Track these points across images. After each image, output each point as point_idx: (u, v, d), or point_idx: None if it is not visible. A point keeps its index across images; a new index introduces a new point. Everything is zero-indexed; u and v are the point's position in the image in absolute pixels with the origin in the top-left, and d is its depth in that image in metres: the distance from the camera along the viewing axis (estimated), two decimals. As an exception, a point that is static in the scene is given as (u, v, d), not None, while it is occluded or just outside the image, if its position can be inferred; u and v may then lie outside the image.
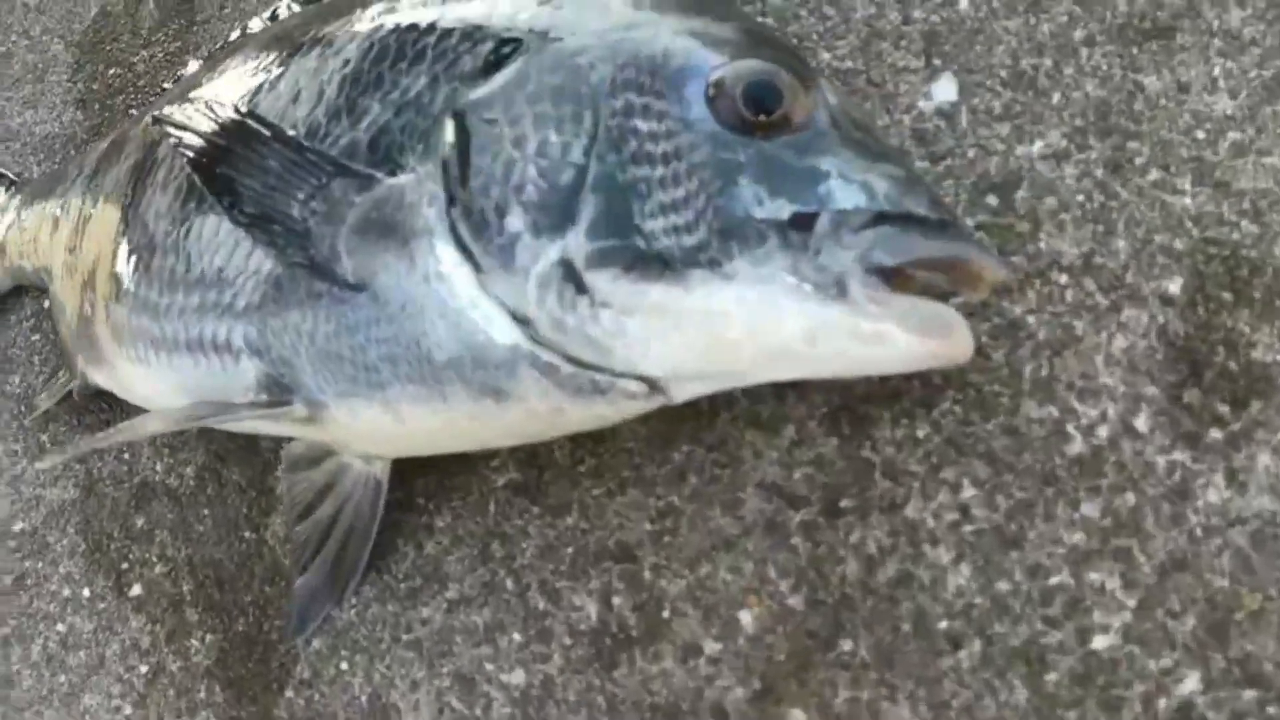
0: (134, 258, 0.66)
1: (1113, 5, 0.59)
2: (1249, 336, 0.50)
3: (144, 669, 0.75)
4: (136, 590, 0.78)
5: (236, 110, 0.57)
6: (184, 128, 0.57)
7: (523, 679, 0.61)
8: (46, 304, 0.93)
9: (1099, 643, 0.49)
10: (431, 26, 0.56)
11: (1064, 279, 0.54)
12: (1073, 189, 0.55)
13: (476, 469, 0.67)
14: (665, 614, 0.58)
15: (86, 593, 0.81)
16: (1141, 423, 0.51)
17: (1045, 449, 0.52)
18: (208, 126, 0.57)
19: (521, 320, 0.49)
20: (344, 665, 0.67)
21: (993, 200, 0.57)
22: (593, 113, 0.49)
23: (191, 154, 0.57)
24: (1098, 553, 0.50)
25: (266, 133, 0.55)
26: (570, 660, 0.60)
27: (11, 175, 0.98)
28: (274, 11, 0.80)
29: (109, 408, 0.84)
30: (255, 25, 0.81)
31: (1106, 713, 0.48)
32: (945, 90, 0.60)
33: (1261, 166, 0.53)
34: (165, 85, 0.86)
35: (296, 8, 0.78)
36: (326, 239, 0.54)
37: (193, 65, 0.79)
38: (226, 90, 0.65)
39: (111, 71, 1.01)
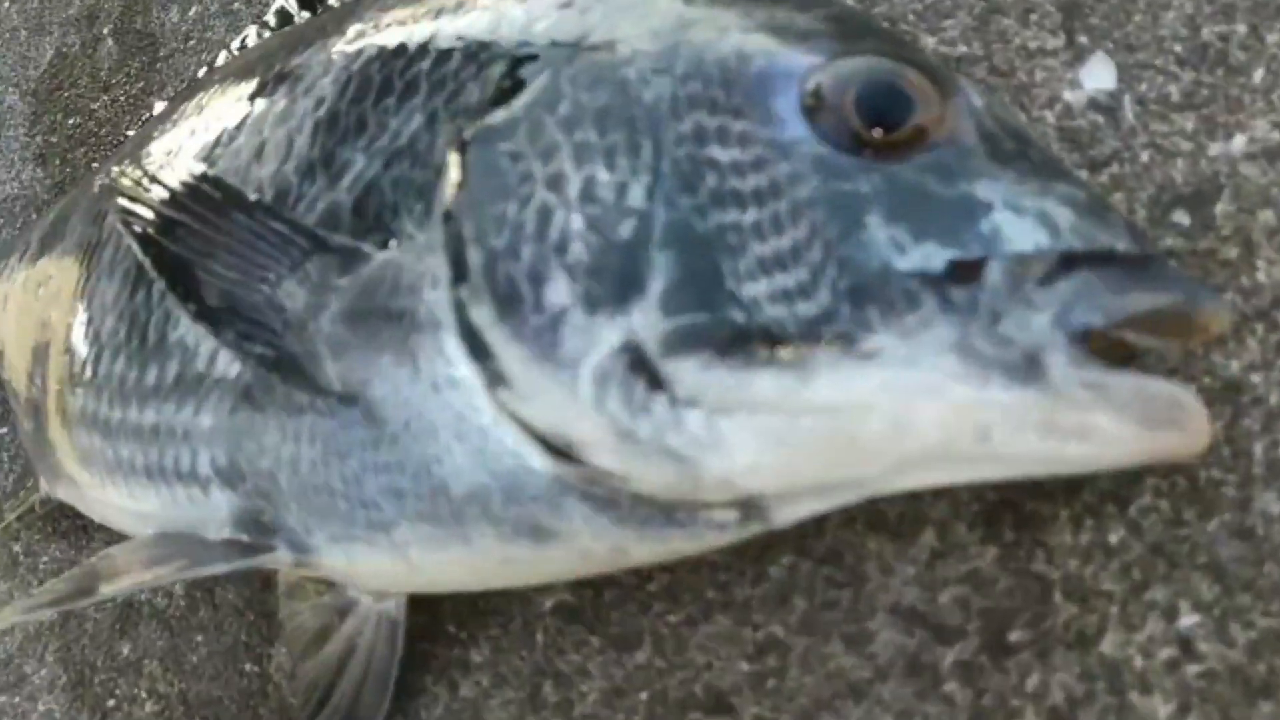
0: (81, 360, 0.54)
1: (1321, -52, 0.45)
2: None
3: (134, 835, 0.64)
4: (124, 734, 0.67)
5: (187, 173, 0.45)
6: (128, 197, 0.46)
7: None
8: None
9: None
10: (424, 49, 0.45)
11: (1298, 321, 0.41)
12: (1298, 197, 0.42)
13: (516, 589, 0.54)
14: (777, 786, 0.45)
15: (69, 735, 0.70)
16: None
17: (1297, 559, 0.39)
18: (153, 196, 0.45)
19: (564, 448, 0.37)
20: (369, 838, 0.55)
21: (1182, 218, 0.44)
22: (653, 141, 0.38)
23: (138, 231, 0.45)
24: (1395, 709, 0.36)
25: (230, 206, 0.44)
26: (655, 844, 0.47)
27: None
28: (244, 40, 0.69)
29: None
30: (224, 59, 0.70)
31: None
32: (1099, 75, 0.47)
33: None
34: (128, 132, 0.75)
35: (268, 33, 0.67)
36: (304, 337, 0.42)
37: (158, 107, 0.68)
38: (178, 146, 0.54)
39: (71, 121, 0.91)
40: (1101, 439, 0.34)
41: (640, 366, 0.35)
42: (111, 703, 0.69)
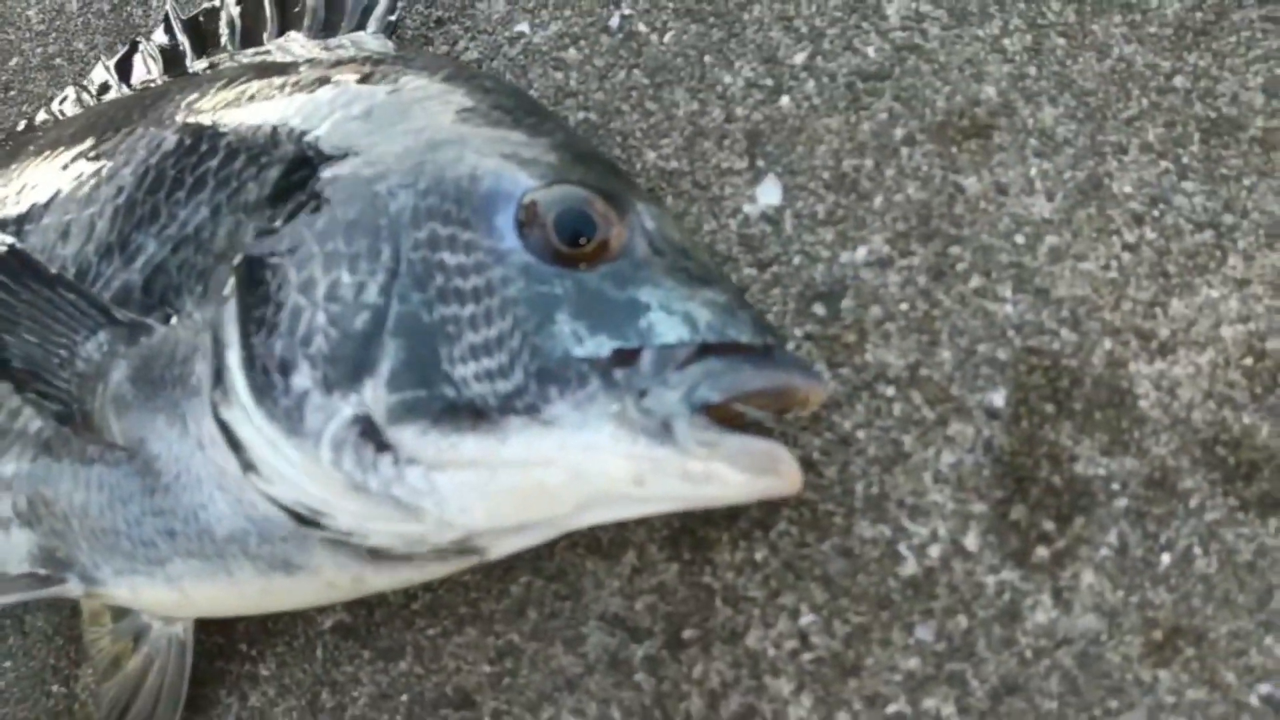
0: None
1: (931, 103, 0.62)
2: (1071, 449, 0.53)
3: None
4: (-71, 762, 0.74)
5: (9, 246, 0.54)
6: None
7: (360, 841, 0.60)
8: None
9: (939, 774, 0.51)
10: (214, 147, 0.55)
11: (891, 391, 0.57)
12: (896, 297, 0.58)
13: (302, 611, 0.65)
14: (507, 764, 0.58)
15: (-126, 763, 0.76)
16: (971, 541, 0.53)
17: (879, 570, 0.54)
18: None
19: (308, 516, 0.48)
20: (165, 835, 0.65)
21: (819, 310, 0.59)
22: (392, 247, 0.48)
23: None
24: (933, 679, 0.52)
25: (25, 271, 0.52)
26: (409, 818, 0.59)
27: None
28: (63, 100, 0.77)
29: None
30: (43, 117, 0.78)
31: (949, 847, 0.50)
32: (770, 193, 0.62)
33: (1079, 272, 0.56)
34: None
35: (88, 99, 0.76)
36: (94, 398, 0.52)
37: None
38: None
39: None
40: (722, 482, 0.47)
41: (370, 434, 0.47)
42: (-86, 730, 0.76)
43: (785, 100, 0.64)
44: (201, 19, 0.70)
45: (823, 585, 0.55)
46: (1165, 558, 0.51)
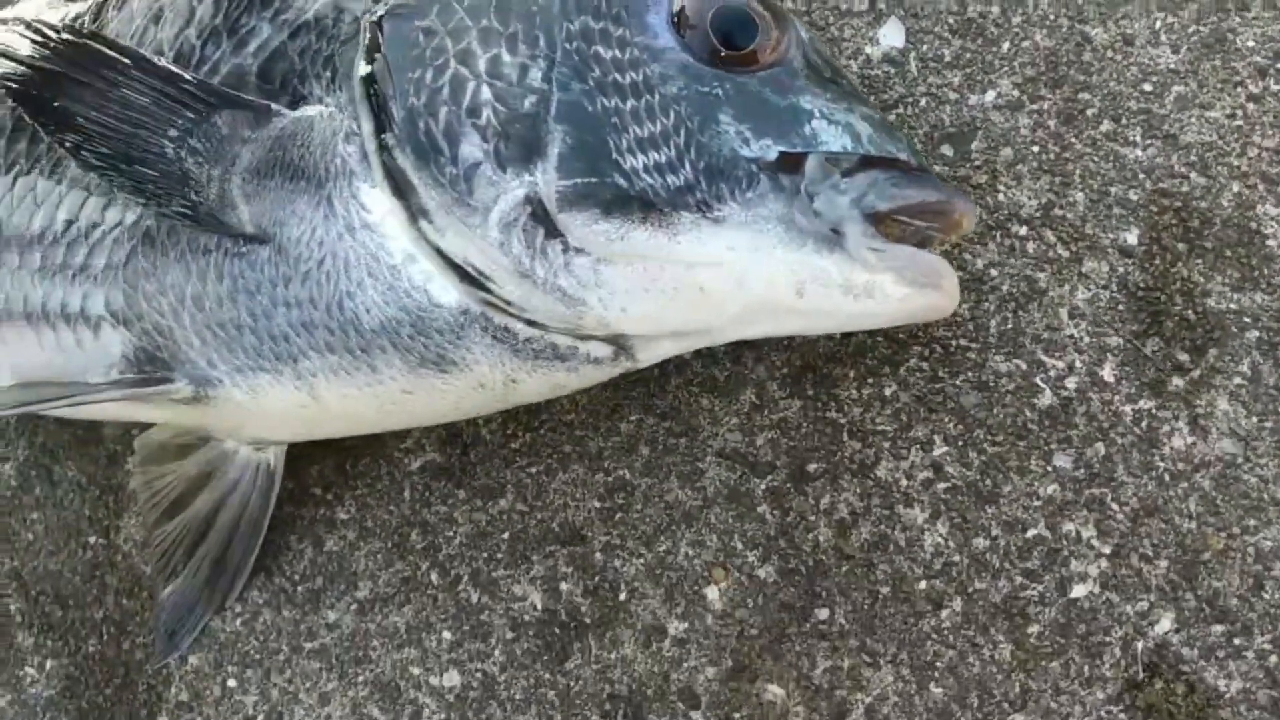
0: None
1: (1053, -45, 0.64)
2: (1203, 285, 0.56)
3: (-35, 709, 0.68)
4: (-57, 616, 0.71)
5: (74, 31, 0.51)
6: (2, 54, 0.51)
7: (458, 680, 0.60)
8: None
9: (1078, 592, 0.53)
10: None
11: (1024, 230, 0.58)
12: (1028, 140, 0.60)
13: (386, 451, 0.64)
14: (622, 596, 0.59)
15: None
16: (1107, 373, 0.56)
17: (1015, 402, 0.56)
18: (36, 51, 0.50)
19: (474, 276, 0.48)
20: (231, 683, 0.63)
21: (948, 150, 0.61)
22: (547, 34, 0.48)
23: (15, 85, 0.50)
24: (1072, 503, 0.54)
25: (124, 59, 0.50)
26: (514, 656, 0.59)
27: None
28: None
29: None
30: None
31: (1088, 660, 0.53)
32: (892, 35, 0.63)
33: (1206, 120, 0.59)
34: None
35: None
36: (213, 183, 0.50)
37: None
38: (55, 6, 0.59)
39: None
40: (883, 296, 0.47)
41: (540, 217, 0.46)
42: (-77, 585, 0.72)
43: (907, -56, 0.65)
44: None
45: (956, 418, 0.57)
46: (1290, 392, 0.54)
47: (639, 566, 0.59)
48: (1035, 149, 0.60)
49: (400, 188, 0.48)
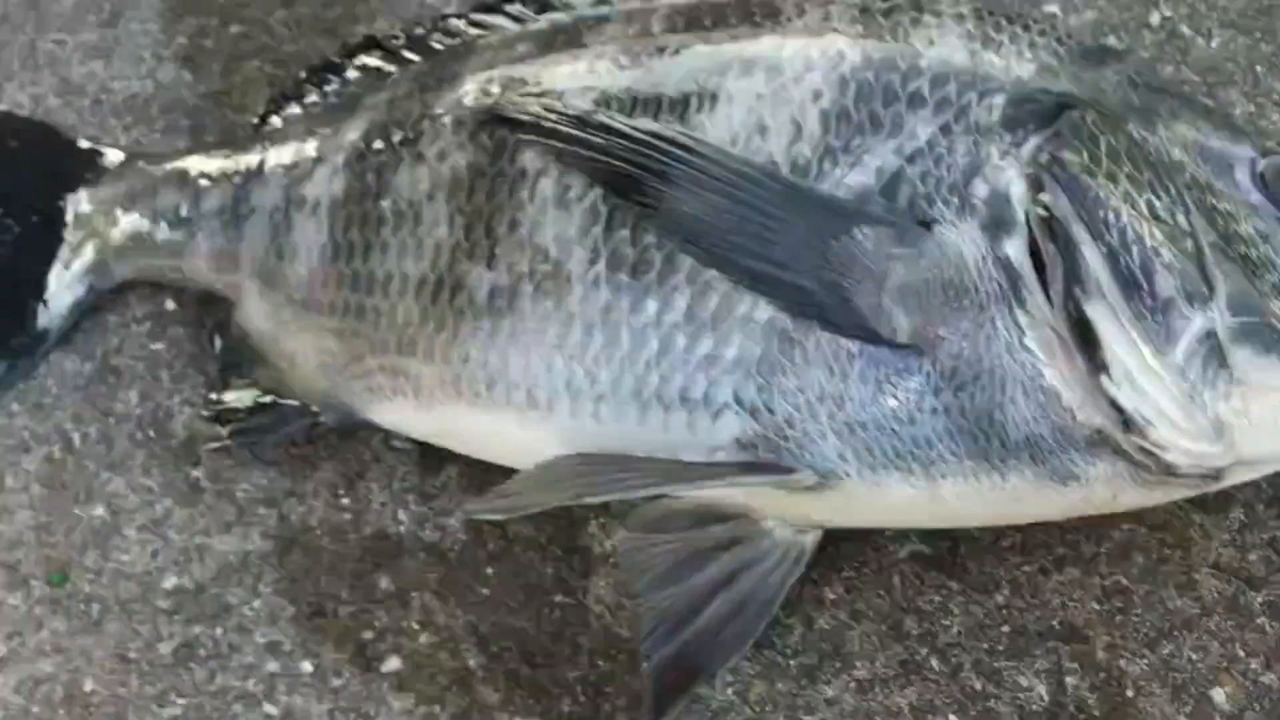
0: (519, 289, 0.62)
1: None
2: None
3: (440, 760, 0.71)
4: (394, 664, 0.74)
5: (685, 135, 0.58)
6: (600, 150, 0.58)
7: (966, 760, 0.66)
8: (169, 305, 0.85)
9: None
10: (914, 67, 0.59)
11: None
12: None
13: (869, 538, 0.70)
14: (1129, 693, 0.65)
15: (308, 666, 0.74)
16: None
17: None
18: (656, 154, 0.57)
19: (1139, 419, 0.54)
20: (723, 751, 0.68)
21: None
22: (1173, 182, 0.56)
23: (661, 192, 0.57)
24: None
25: (751, 171, 0.57)
26: (1023, 741, 0.65)
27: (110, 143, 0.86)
28: None
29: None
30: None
31: None
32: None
33: None
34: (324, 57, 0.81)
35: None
36: (865, 296, 0.56)
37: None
38: (630, 105, 0.63)
39: (233, 29, 0.93)
40: None
41: (1215, 350, 0.54)
42: (369, 635, 0.74)
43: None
44: None
45: None
46: None
47: (1143, 667, 0.65)
48: None
49: (1085, 340, 0.54)
